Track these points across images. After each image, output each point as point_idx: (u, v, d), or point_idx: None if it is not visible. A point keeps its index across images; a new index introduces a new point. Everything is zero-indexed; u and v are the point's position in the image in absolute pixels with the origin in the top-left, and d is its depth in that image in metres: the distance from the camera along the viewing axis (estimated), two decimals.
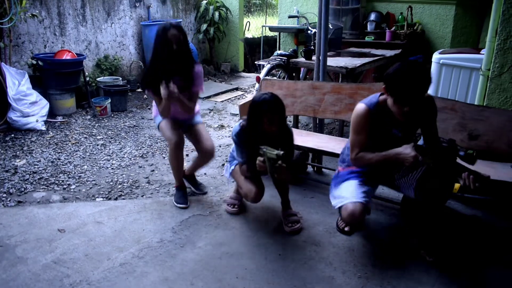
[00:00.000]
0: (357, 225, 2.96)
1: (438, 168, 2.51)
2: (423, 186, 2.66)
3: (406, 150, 2.52)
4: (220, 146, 4.80)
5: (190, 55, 3.37)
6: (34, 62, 5.57)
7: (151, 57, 3.31)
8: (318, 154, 4.04)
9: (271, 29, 8.14)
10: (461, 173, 2.37)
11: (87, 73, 6.29)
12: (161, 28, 3.18)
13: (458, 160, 2.46)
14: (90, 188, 3.83)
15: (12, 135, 4.99)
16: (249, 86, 7.94)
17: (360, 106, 2.70)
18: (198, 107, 3.63)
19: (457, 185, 3.43)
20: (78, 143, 4.88)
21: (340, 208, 2.74)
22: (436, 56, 4.51)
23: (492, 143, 3.24)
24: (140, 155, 4.56)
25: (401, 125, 2.67)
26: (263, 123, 2.84)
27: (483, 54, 3.79)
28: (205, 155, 3.52)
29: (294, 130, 4.23)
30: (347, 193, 2.74)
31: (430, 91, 4.50)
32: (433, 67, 4.51)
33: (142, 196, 3.70)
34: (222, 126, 5.60)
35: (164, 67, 3.23)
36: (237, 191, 3.41)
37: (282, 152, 2.73)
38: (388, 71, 2.53)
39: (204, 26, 8.44)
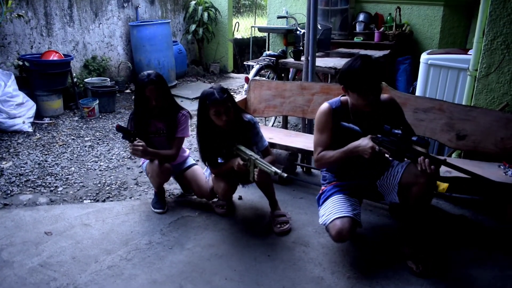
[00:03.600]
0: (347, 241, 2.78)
1: (394, 156, 2.53)
2: (404, 187, 2.64)
3: (363, 142, 2.54)
4: None
5: (172, 102, 3.33)
6: (21, 63, 5.50)
7: (134, 106, 3.34)
8: (307, 154, 4.04)
9: (260, 29, 8.13)
10: (417, 157, 2.39)
11: (74, 74, 6.23)
12: (139, 82, 3.15)
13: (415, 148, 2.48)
14: (78, 190, 3.79)
15: None
16: (238, 87, 7.93)
17: (323, 105, 2.77)
18: (187, 151, 3.66)
19: (445, 185, 3.47)
20: (65, 144, 4.84)
21: (327, 226, 2.65)
22: (424, 56, 4.53)
23: (480, 143, 3.26)
24: (128, 156, 4.53)
25: (364, 124, 2.65)
26: (211, 116, 2.92)
27: (470, 54, 3.81)
28: (199, 196, 3.53)
29: (283, 131, 4.26)
30: (334, 208, 2.67)
31: (418, 91, 4.55)
32: (421, 68, 4.53)
33: (130, 197, 3.67)
34: None
35: (146, 118, 3.27)
36: None
37: (279, 171, 2.76)
38: (342, 71, 2.63)
39: (193, 27, 8.42)
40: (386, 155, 2.57)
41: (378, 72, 2.54)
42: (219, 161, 3.16)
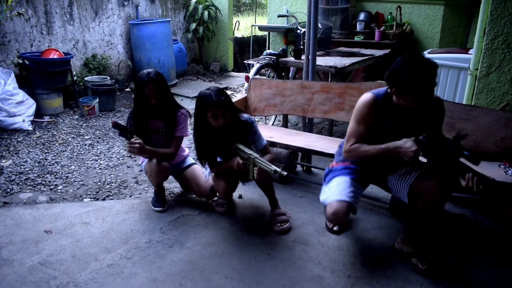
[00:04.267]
0: (341, 224, 2.92)
1: (440, 166, 2.41)
2: (416, 193, 2.60)
3: (407, 144, 2.40)
4: None
5: (171, 101, 3.31)
6: (21, 61, 5.49)
7: (133, 104, 3.32)
8: (308, 153, 4.04)
9: (261, 28, 8.12)
10: (465, 173, 2.28)
11: (74, 73, 6.22)
12: (139, 80, 3.13)
13: (462, 160, 2.36)
14: (78, 188, 3.79)
15: None
16: (238, 85, 7.92)
17: (367, 95, 2.58)
18: (187, 150, 3.64)
19: None
20: (65, 143, 4.83)
21: (326, 205, 2.68)
22: (424, 55, 4.53)
23: (480, 143, 3.25)
24: (128, 155, 4.52)
25: (407, 121, 2.54)
26: (208, 118, 2.91)
27: (471, 54, 3.81)
28: (199, 196, 3.53)
29: (283, 130, 4.26)
30: (336, 189, 2.67)
31: None
32: None
33: (131, 196, 3.67)
34: None
35: (145, 117, 3.26)
36: None
37: (279, 170, 2.76)
38: (393, 72, 2.42)
39: (193, 25, 8.41)
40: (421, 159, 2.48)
41: (435, 74, 2.36)
42: (218, 160, 3.16)
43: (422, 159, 2.56)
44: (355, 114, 2.63)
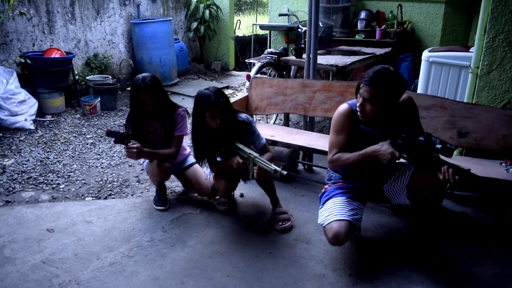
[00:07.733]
0: (342, 245, 2.68)
1: (416, 163, 2.48)
2: (415, 190, 2.63)
3: (383, 147, 2.48)
4: None
5: (168, 102, 3.30)
6: (23, 60, 5.49)
7: (130, 108, 3.31)
8: (309, 152, 4.04)
9: (262, 27, 8.12)
10: (440, 166, 2.34)
11: (76, 72, 6.23)
12: (135, 86, 3.12)
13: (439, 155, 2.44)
14: (80, 187, 3.80)
15: (0, 134, 4.93)
16: (240, 84, 7.92)
17: (343, 106, 2.70)
18: (188, 149, 3.64)
19: None
20: (67, 142, 4.84)
21: (324, 227, 2.64)
22: (425, 54, 4.52)
23: (481, 141, 3.26)
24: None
25: (381, 126, 2.62)
26: (206, 118, 2.91)
27: (472, 52, 3.80)
28: (200, 194, 3.54)
29: (284, 128, 4.26)
30: (333, 210, 2.64)
31: (420, 89, 4.55)
32: (423, 65, 4.53)
33: (132, 195, 3.68)
34: None
35: (142, 119, 3.26)
36: None
37: (278, 169, 2.76)
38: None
39: (195, 24, 8.42)
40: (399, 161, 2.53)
41: (386, 84, 2.44)
42: (218, 159, 3.17)
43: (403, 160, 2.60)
44: (334, 126, 2.72)
